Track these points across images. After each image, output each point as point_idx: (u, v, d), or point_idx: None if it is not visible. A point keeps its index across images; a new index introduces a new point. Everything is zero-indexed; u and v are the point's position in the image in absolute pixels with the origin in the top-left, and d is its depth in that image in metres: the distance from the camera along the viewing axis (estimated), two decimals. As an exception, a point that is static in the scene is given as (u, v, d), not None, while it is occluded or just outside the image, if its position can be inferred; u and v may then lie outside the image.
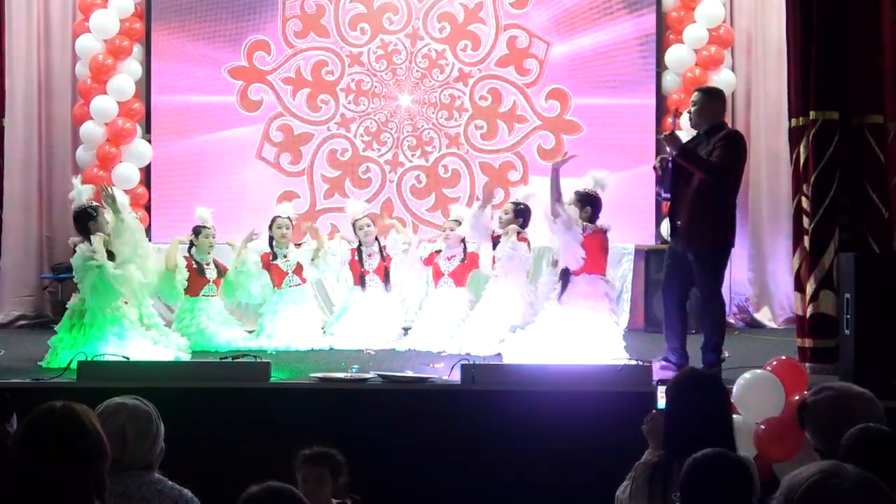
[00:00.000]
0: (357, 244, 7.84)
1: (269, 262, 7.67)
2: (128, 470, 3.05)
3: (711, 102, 6.14)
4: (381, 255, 7.76)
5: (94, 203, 6.86)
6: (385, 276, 7.72)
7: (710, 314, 6.16)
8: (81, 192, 6.86)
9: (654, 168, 6.24)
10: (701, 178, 5.90)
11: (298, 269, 7.68)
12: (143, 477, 3.08)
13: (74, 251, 6.69)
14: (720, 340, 6.09)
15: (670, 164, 6.02)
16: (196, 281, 7.48)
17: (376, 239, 7.82)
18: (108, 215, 6.76)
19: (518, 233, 7.23)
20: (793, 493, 2.02)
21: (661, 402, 3.43)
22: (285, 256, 7.67)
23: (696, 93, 6.26)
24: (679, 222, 6.06)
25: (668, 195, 6.30)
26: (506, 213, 7.47)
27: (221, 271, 7.64)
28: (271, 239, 7.72)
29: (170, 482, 3.13)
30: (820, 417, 3.32)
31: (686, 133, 6.81)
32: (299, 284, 7.68)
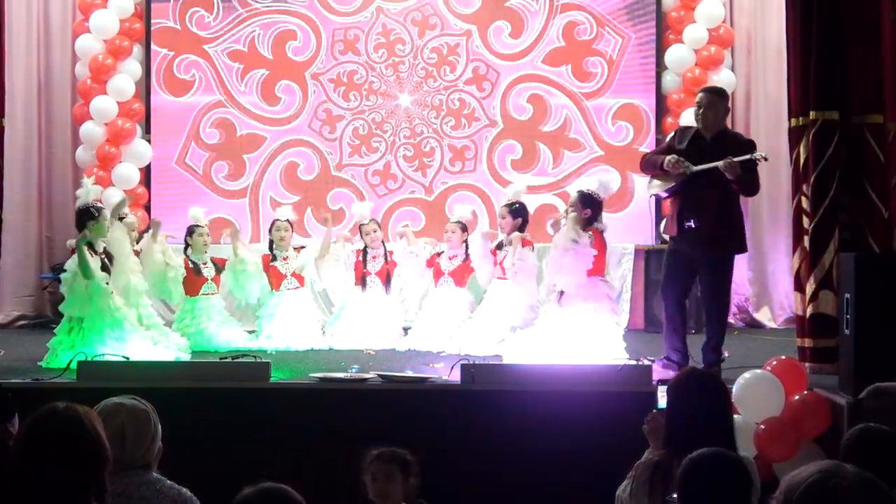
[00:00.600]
0: (363, 246, 7.80)
1: (268, 264, 7.66)
2: (126, 470, 3.06)
3: (721, 102, 6.12)
4: (385, 258, 7.74)
5: (98, 204, 6.87)
6: (386, 279, 7.69)
7: (715, 314, 6.16)
8: (90, 192, 6.86)
9: (664, 168, 6.07)
10: (726, 185, 5.89)
11: (297, 272, 7.67)
12: (141, 476, 3.09)
13: (72, 253, 6.69)
14: (721, 340, 6.10)
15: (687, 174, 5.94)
16: (194, 281, 7.48)
17: (382, 243, 7.79)
18: (109, 214, 6.79)
19: (521, 238, 7.02)
20: (792, 492, 2.01)
21: (662, 402, 3.44)
22: (285, 259, 7.66)
23: (702, 93, 6.16)
24: (692, 224, 6.00)
25: (666, 197, 6.28)
26: (502, 218, 7.21)
27: (220, 268, 7.64)
28: (271, 242, 7.72)
29: (168, 482, 3.14)
30: (876, 419, 3.25)
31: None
32: (297, 287, 7.66)
